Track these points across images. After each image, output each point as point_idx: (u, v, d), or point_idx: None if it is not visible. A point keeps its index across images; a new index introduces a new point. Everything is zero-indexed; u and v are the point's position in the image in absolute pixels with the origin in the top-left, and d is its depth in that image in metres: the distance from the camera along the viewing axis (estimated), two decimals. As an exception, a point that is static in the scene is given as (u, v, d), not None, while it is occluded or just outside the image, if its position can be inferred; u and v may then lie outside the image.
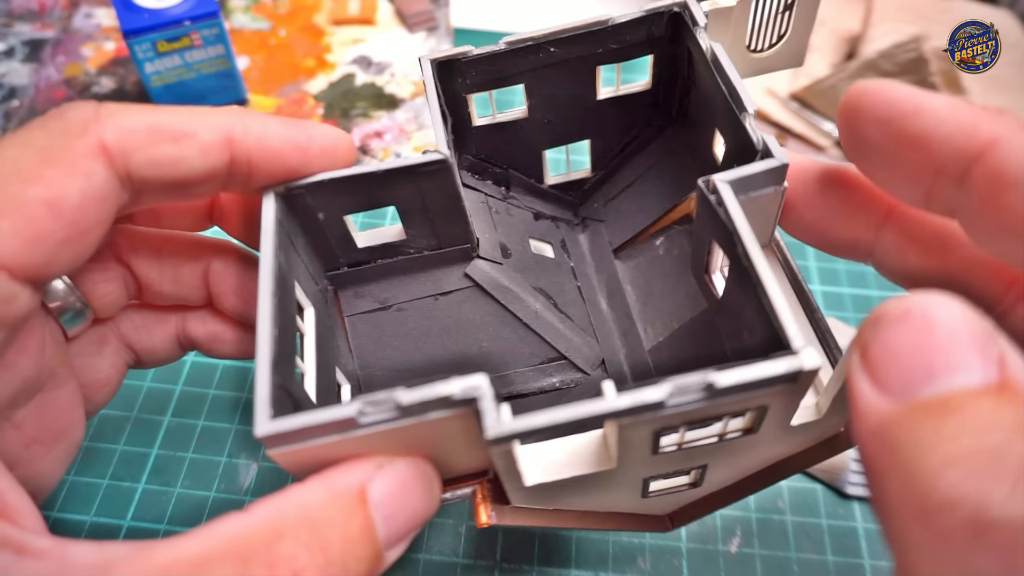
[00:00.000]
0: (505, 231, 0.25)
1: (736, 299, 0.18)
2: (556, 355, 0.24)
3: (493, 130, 0.25)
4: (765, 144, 0.18)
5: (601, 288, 0.26)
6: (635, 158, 0.27)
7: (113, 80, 0.40)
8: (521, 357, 0.24)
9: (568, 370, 0.25)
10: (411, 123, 0.39)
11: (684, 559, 0.27)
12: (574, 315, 0.25)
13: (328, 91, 0.40)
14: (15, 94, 0.39)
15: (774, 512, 0.29)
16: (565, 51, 0.23)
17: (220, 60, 0.37)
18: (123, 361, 0.23)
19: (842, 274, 0.36)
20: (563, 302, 0.25)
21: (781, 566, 0.27)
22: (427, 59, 0.22)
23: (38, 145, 0.17)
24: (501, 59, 0.23)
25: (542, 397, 0.24)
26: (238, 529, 0.15)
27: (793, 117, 0.42)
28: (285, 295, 0.19)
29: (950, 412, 0.12)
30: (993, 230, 0.15)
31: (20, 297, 0.17)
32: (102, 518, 0.27)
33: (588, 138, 0.26)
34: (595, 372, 0.25)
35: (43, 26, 0.42)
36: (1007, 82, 0.39)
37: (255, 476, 0.28)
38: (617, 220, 0.27)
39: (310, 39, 0.43)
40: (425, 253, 0.23)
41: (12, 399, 0.19)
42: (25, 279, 0.17)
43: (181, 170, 0.18)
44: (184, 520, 0.27)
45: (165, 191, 0.19)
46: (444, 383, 0.15)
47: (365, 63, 0.42)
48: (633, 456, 0.17)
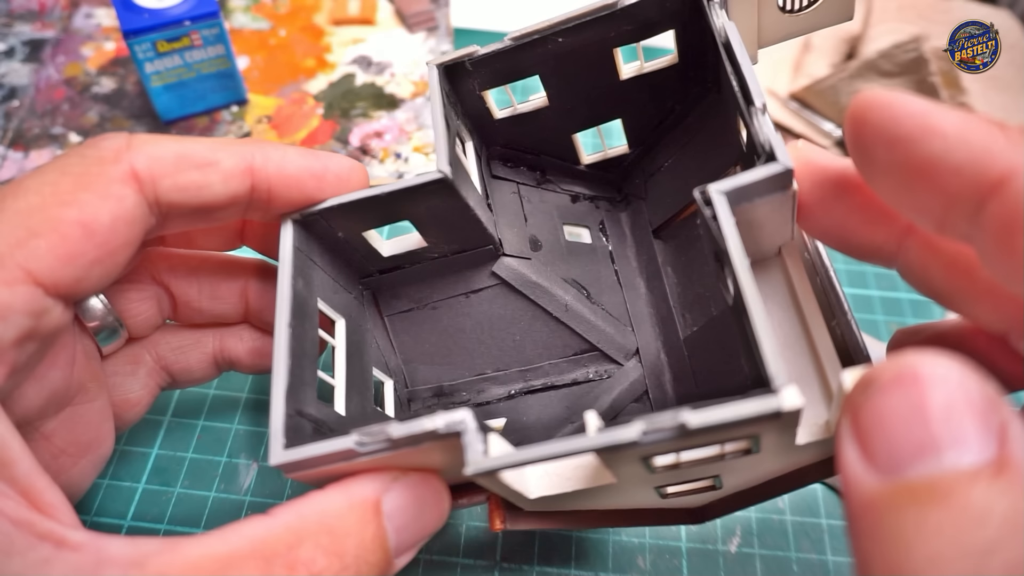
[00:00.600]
0: (537, 221, 0.25)
1: (737, 312, 0.17)
2: (589, 346, 0.24)
3: (517, 121, 0.25)
4: (770, 146, 0.17)
5: (641, 271, 0.26)
6: (674, 131, 0.25)
7: (113, 80, 0.40)
8: (555, 349, 0.25)
9: (602, 361, 0.25)
10: (411, 123, 0.39)
11: (684, 559, 0.27)
12: (610, 302, 0.25)
13: (328, 91, 0.41)
14: (15, 94, 0.39)
15: (774, 512, 0.29)
16: (575, 39, 0.22)
17: (220, 60, 0.37)
18: (156, 383, 0.24)
19: (870, 276, 0.36)
20: (598, 290, 0.25)
21: (781, 566, 0.27)
22: (433, 64, 0.22)
23: (74, 171, 0.18)
24: (509, 56, 0.22)
25: (575, 388, 0.25)
26: (262, 532, 0.16)
27: (793, 117, 0.42)
28: (304, 321, 0.19)
29: (939, 498, 0.10)
30: (1008, 273, 0.13)
31: (53, 312, 0.18)
32: (102, 518, 0.27)
33: (619, 118, 0.25)
34: (629, 362, 0.25)
35: (43, 26, 0.42)
36: (1007, 82, 0.39)
37: (255, 476, 0.28)
38: (658, 198, 0.26)
39: (310, 39, 0.43)
40: (450, 256, 0.24)
41: (41, 410, 0.20)
42: (57, 295, 0.18)
43: (205, 195, 0.19)
44: (184, 520, 0.27)
45: (190, 215, 0.20)
46: (430, 418, 0.16)
47: (365, 63, 0.42)
48: (630, 473, 0.17)
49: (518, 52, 0.22)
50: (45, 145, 0.37)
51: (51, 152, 0.37)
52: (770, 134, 0.17)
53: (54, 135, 0.37)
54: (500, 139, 0.25)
